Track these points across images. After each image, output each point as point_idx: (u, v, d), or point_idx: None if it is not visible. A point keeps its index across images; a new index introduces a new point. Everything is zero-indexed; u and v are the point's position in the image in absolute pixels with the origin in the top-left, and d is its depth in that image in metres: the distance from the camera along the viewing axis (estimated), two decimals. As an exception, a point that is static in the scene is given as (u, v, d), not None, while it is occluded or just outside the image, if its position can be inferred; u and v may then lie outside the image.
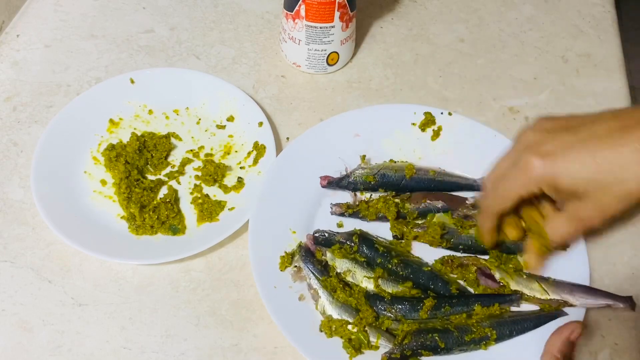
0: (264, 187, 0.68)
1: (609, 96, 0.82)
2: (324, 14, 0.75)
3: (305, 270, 0.63)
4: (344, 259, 0.64)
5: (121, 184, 0.69)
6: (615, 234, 0.69)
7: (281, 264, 0.63)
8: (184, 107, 0.78)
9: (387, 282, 0.63)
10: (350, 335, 0.59)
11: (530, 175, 0.53)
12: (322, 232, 0.66)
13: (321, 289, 0.62)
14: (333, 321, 0.60)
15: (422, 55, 0.86)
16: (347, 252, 0.65)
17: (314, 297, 0.62)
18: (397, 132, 0.74)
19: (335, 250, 0.64)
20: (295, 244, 0.65)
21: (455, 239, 0.66)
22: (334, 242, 0.65)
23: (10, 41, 0.85)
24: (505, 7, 0.93)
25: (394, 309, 0.61)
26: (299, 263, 0.63)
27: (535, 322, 0.61)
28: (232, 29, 0.88)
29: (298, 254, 0.64)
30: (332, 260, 0.64)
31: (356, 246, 0.65)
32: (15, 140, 0.75)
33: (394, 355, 0.58)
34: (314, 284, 0.62)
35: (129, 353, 0.60)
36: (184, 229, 0.68)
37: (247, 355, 0.60)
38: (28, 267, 0.65)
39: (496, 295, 0.62)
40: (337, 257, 0.64)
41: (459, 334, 0.59)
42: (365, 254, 0.65)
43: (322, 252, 0.65)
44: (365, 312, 0.60)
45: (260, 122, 0.73)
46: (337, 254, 0.64)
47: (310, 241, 0.65)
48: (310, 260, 0.63)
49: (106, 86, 0.77)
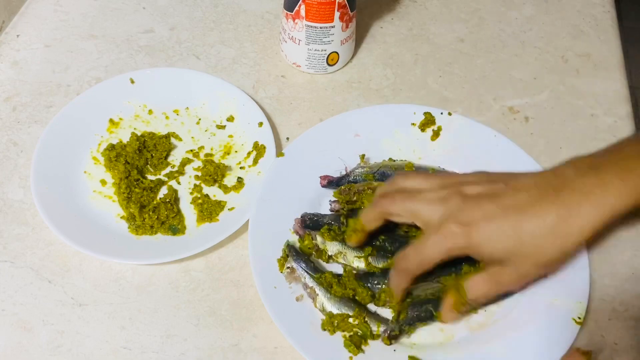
0: (264, 188, 0.68)
1: (609, 96, 0.82)
2: (324, 14, 0.75)
3: (298, 270, 0.62)
4: (333, 241, 0.64)
5: (121, 184, 0.69)
6: (615, 234, 0.69)
7: (280, 265, 0.63)
8: (184, 107, 0.78)
9: (377, 258, 0.64)
10: (353, 328, 0.60)
11: (453, 243, 0.55)
12: (310, 215, 0.66)
13: (317, 287, 0.62)
14: (334, 317, 0.60)
15: (422, 55, 0.86)
16: (336, 233, 0.65)
17: (310, 296, 0.62)
18: (397, 132, 0.74)
19: (325, 233, 0.64)
20: (296, 244, 0.65)
21: None
22: (322, 224, 0.65)
23: (10, 41, 0.85)
24: (505, 7, 0.93)
25: (387, 279, 0.61)
26: (291, 264, 0.63)
27: None
28: (232, 29, 0.88)
29: (289, 255, 0.63)
30: (323, 244, 0.64)
31: (344, 227, 0.65)
32: (15, 140, 0.75)
33: (394, 333, 0.59)
34: (310, 283, 0.62)
35: (129, 353, 0.60)
36: (184, 229, 0.68)
37: (247, 355, 0.60)
38: (28, 267, 0.65)
39: None
40: (327, 239, 0.64)
41: None
42: None
43: (312, 236, 0.65)
44: (361, 294, 0.61)
45: (260, 122, 0.73)
46: (326, 236, 0.64)
47: (298, 224, 0.65)
48: (302, 259, 0.63)
49: (106, 86, 0.77)
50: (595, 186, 0.54)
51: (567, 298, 0.62)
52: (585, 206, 0.53)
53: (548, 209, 0.53)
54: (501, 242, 0.54)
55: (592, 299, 0.63)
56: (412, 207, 0.58)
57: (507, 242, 0.53)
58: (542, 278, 0.61)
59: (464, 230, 0.54)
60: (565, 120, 0.79)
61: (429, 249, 0.56)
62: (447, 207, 0.56)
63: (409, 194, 0.59)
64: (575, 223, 0.53)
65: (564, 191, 0.54)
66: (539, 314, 0.62)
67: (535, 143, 0.77)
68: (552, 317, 0.61)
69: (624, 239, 0.68)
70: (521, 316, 0.62)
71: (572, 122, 0.79)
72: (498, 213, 0.54)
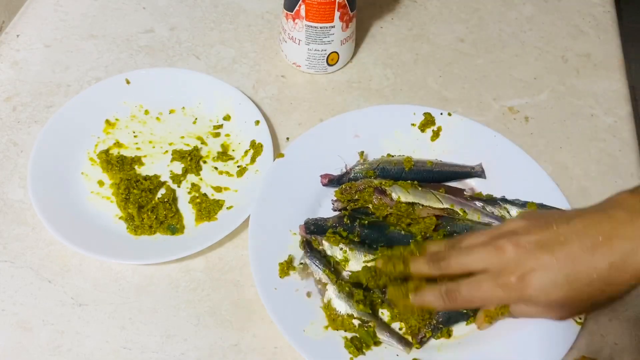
0: (264, 188, 0.68)
1: (609, 96, 0.82)
2: (324, 14, 0.75)
3: (312, 266, 0.63)
4: (340, 244, 0.64)
5: (120, 185, 0.69)
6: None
7: (280, 271, 0.63)
8: (180, 107, 0.78)
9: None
10: (355, 330, 0.60)
11: (508, 295, 0.55)
12: (313, 221, 0.66)
13: (330, 283, 0.62)
14: (340, 316, 0.60)
15: (422, 55, 0.86)
16: (342, 235, 0.65)
17: (321, 292, 0.62)
18: (397, 133, 0.74)
19: (331, 238, 0.64)
20: (296, 244, 0.65)
21: (452, 227, 0.66)
22: (326, 228, 0.65)
23: (10, 41, 0.85)
24: (505, 7, 0.93)
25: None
26: (305, 260, 0.63)
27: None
28: (232, 29, 0.88)
29: (303, 251, 0.64)
30: (330, 249, 0.64)
31: (346, 231, 0.65)
32: (15, 140, 0.75)
33: (425, 338, 0.61)
34: (324, 278, 0.62)
35: (129, 353, 0.60)
36: (183, 229, 0.68)
37: (247, 355, 0.60)
38: (28, 267, 0.65)
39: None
40: (334, 244, 0.64)
41: None
42: (358, 232, 0.65)
43: (319, 242, 0.65)
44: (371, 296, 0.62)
45: (257, 121, 0.73)
46: (332, 241, 0.64)
47: (302, 231, 0.65)
48: (315, 255, 0.63)
49: (102, 87, 0.77)
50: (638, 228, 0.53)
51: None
52: (638, 254, 0.52)
53: (601, 260, 0.53)
54: (556, 294, 0.54)
55: (592, 299, 0.63)
56: (466, 260, 0.57)
57: (561, 294, 0.54)
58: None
59: (520, 283, 0.54)
60: (565, 120, 0.79)
61: (483, 293, 0.56)
62: (501, 257, 0.55)
63: (460, 250, 0.58)
64: (628, 272, 0.53)
65: (616, 239, 0.53)
66: (538, 314, 0.62)
67: (535, 143, 0.77)
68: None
69: (624, 239, 0.68)
70: (521, 316, 0.62)
71: (572, 122, 0.79)
72: (553, 265, 0.54)
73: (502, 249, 0.55)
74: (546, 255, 0.54)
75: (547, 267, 0.54)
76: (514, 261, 0.55)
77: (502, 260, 0.55)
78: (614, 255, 0.52)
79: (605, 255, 0.53)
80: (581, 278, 0.53)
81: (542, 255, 0.54)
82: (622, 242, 0.53)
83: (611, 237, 0.53)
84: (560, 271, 0.53)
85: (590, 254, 0.53)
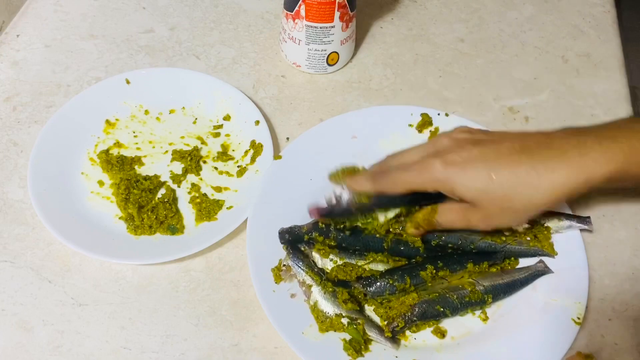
0: (263, 189, 0.68)
1: (609, 96, 0.82)
2: (324, 14, 0.75)
3: (294, 268, 0.62)
4: (330, 255, 0.63)
5: (120, 185, 0.69)
6: (615, 234, 0.69)
7: (275, 277, 0.62)
8: (180, 107, 0.78)
9: (377, 263, 0.64)
10: (344, 329, 0.60)
11: (430, 176, 0.58)
12: (287, 230, 0.65)
13: (314, 284, 0.61)
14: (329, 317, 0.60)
15: (422, 55, 0.86)
16: (319, 240, 0.64)
17: (306, 294, 0.62)
18: (394, 134, 0.74)
19: (321, 250, 0.64)
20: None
21: (446, 237, 0.65)
22: (301, 234, 0.65)
23: (10, 41, 0.85)
24: (505, 7, 0.93)
25: (394, 278, 0.62)
26: (287, 262, 0.63)
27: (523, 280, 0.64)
28: (232, 29, 0.88)
29: (286, 253, 0.63)
30: (320, 261, 0.64)
31: (321, 236, 0.64)
32: (15, 140, 0.75)
33: (397, 328, 0.60)
34: (308, 280, 0.62)
35: (129, 353, 0.60)
36: (183, 229, 0.68)
37: (247, 355, 0.60)
38: (28, 267, 0.65)
39: (485, 254, 0.65)
40: (324, 257, 0.63)
41: (458, 299, 0.61)
42: (334, 236, 0.65)
43: (309, 254, 0.64)
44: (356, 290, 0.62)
45: (257, 121, 0.74)
46: (322, 254, 0.63)
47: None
48: (298, 257, 0.63)
49: (102, 87, 0.77)
50: (574, 147, 0.56)
51: (566, 298, 0.62)
52: (559, 164, 0.56)
53: (523, 161, 0.56)
54: (474, 185, 0.57)
55: (592, 299, 0.63)
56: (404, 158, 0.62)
57: (479, 185, 0.57)
58: (508, 226, 0.64)
59: (445, 167, 0.57)
60: (566, 120, 0.79)
61: (406, 173, 0.59)
62: (435, 146, 0.60)
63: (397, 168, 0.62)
64: (547, 178, 0.55)
65: (544, 148, 0.57)
66: (538, 314, 0.62)
67: (535, 143, 0.77)
68: (552, 317, 0.61)
69: (624, 239, 0.68)
70: (520, 316, 0.62)
71: (572, 122, 0.79)
72: (478, 157, 0.57)
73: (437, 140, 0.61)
74: (475, 149, 0.58)
75: (473, 159, 0.57)
76: (444, 149, 0.59)
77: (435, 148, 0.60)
78: (537, 161, 0.56)
79: (529, 158, 0.56)
80: (500, 175, 0.56)
81: (471, 149, 0.58)
82: (548, 150, 0.56)
83: (540, 146, 0.57)
84: (483, 164, 0.57)
85: (516, 155, 0.56)
